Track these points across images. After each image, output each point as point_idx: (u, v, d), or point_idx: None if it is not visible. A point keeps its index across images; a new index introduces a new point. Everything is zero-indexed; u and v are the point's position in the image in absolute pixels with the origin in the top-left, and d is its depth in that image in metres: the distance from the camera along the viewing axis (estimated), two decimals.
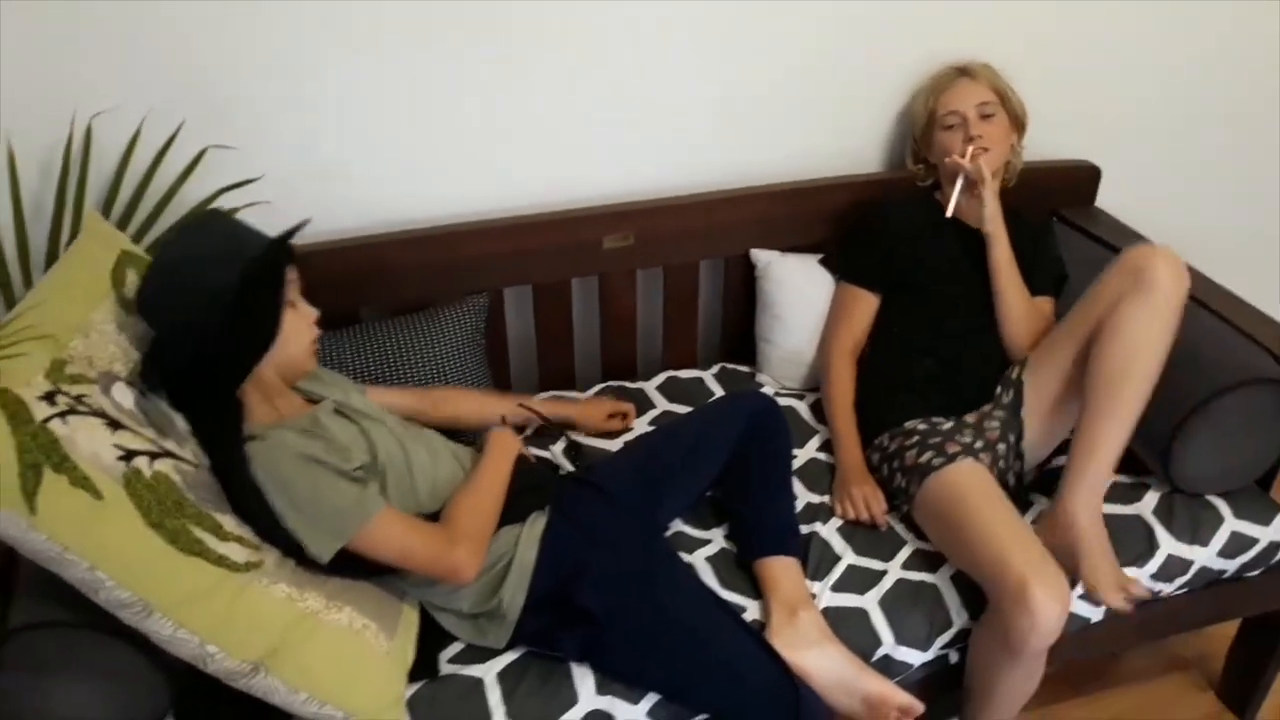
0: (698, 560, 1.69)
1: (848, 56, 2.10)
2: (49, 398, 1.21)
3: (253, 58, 1.77)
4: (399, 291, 1.92)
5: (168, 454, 1.30)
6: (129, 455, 1.24)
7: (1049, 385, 1.81)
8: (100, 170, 1.76)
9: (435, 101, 1.89)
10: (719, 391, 2.09)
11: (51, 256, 1.70)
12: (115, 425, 1.26)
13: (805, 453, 1.94)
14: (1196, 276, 1.89)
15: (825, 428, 1.98)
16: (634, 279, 2.07)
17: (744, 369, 2.16)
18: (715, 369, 2.16)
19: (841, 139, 2.18)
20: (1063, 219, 2.24)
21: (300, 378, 1.54)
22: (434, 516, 1.50)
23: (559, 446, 1.90)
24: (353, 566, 1.41)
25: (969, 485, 1.68)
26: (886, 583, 1.67)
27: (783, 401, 2.06)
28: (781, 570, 1.64)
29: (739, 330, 2.21)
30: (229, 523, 1.33)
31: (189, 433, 1.41)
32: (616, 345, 2.13)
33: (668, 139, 2.06)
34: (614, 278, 2.04)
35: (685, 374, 2.14)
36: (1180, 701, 2.12)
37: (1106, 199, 2.31)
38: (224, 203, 1.83)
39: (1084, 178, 2.27)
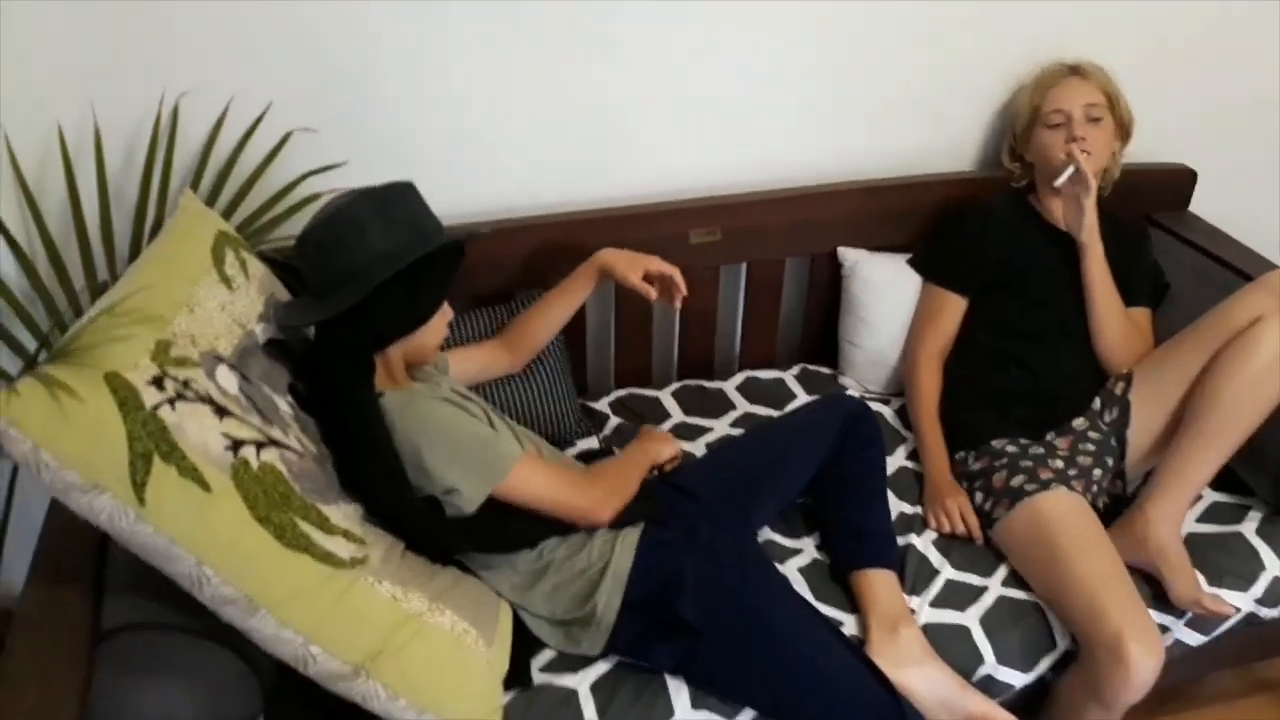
0: (789, 571, 1.64)
1: (945, 48, 2.03)
2: (157, 382, 1.16)
3: (345, 45, 1.72)
4: (483, 281, 1.87)
5: (274, 443, 1.26)
6: (236, 445, 1.19)
7: (1162, 402, 1.75)
8: (185, 152, 1.71)
9: (517, 93, 1.84)
10: (800, 393, 2.03)
11: (136, 239, 1.66)
12: (222, 412, 1.21)
13: (895, 461, 1.88)
14: None
15: (911, 435, 1.92)
16: (718, 275, 2.02)
17: (825, 370, 2.10)
18: (796, 370, 2.10)
19: (935, 134, 2.12)
20: (1156, 224, 2.17)
21: (416, 367, 1.54)
22: None
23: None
24: (489, 518, 1.40)
25: (1063, 518, 1.62)
26: (987, 600, 1.61)
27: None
28: (880, 584, 1.58)
29: (820, 330, 2.15)
30: (335, 514, 1.28)
31: (293, 417, 1.37)
32: (695, 343, 2.08)
33: (756, 133, 2.00)
34: (698, 273, 1.98)
35: (765, 374, 2.08)
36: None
37: (1199, 204, 2.24)
38: (308, 188, 1.78)
39: (1179, 182, 2.20)
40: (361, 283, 1.35)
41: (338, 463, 1.37)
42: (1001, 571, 1.66)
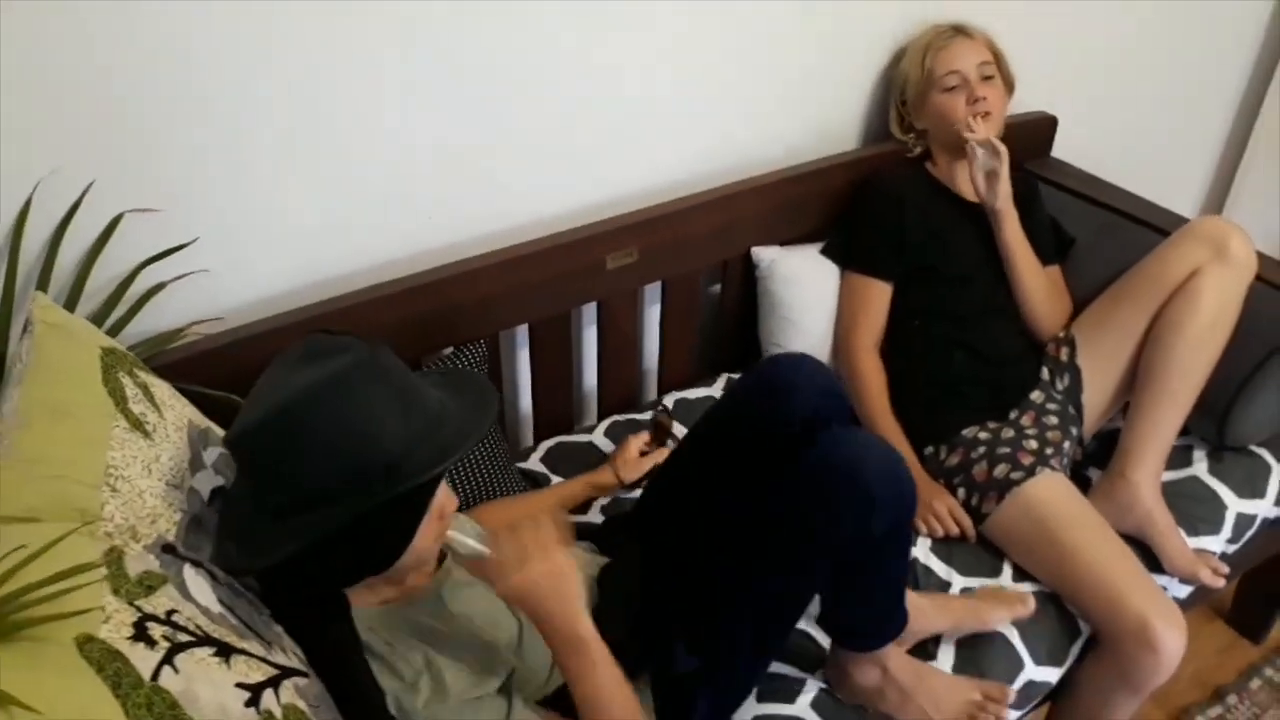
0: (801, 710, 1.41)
1: (809, 31, 1.89)
2: (139, 631, 0.84)
3: (171, 97, 1.34)
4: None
5: (283, 671, 0.95)
6: (255, 695, 0.89)
7: (1111, 363, 1.75)
8: None
9: (384, 125, 1.53)
10: None
11: None
12: (225, 651, 0.90)
13: None
14: None
15: None
16: (636, 299, 1.82)
17: None
18: (721, 382, 1.94)
19: (815, 117, 1.98)
20: (1019, 170, 2.17)
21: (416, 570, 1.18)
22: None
23: None
24: None
25: (1058, 504, 1.58)
26: None
27: None
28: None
29: (736, 338, 2.00)
30: None
31: (271, 617, 1.06)
32: (617, 374, 1.87)
33: (636, 143, 1.79)
34: (616, 300, 1.78)
35: (692, 393, 1.91)
36: (1194, 634, 2.17)
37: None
38: (151, 277, 1.41)
39: (1041, 129, 2.21)
40: (359, 498, 0.99)
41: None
42: (1007, 569, 1.61)
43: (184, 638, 0.87)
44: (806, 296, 1.89)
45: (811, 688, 1.42)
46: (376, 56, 1.47)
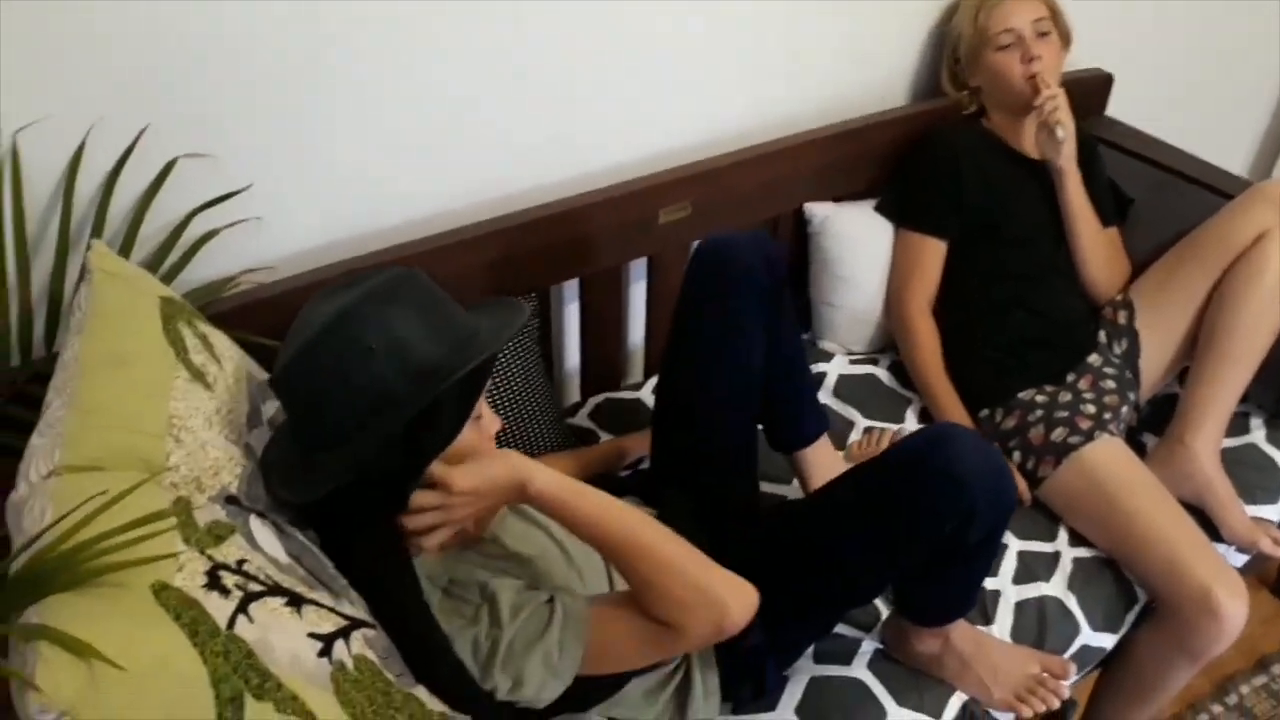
0: (858, 669, 1.39)
1: None
2: (212, 579, 0.83)
3: (223, 39, 1.31)
4: None
5: (353, 622, 0.94)
6: (328, 644, 0.88)
7: (1170, 328, 1.72)
8: (36, 195, 1.27)
9: (446, 75, 1.49)
10: None
11: (1, 337, 1.22)
12: (297, 601, 0.88)
13: (909, 426, 1.75)
14: None
15: (916, 394, 1.80)
16: (687, 254, 1.77)
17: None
18: None
19: (864, 71, 1.93)
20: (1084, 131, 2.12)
21: None
22: None
23: None
24: (581, 692, 1.10)
25: (1117, 469, 1.55)
26: (1065, 564, 1.54)
27: (859, 369, 1.86)
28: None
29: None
30: (423, 695, 0.99)
31: (336, 569, 1.04)
32: (666, 329, 1.83)
33: (678, 95, 1.74)
34: (668, 254, 1.75)
35: None
36: None
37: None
38: (203, 223, 1.39)
39: (1096, 87, 2.16)
40: (393, 415, 1.00)
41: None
42: (1063, 532, 1.59)
43: (256, 587, 0.86)
44: (859, 254, 1.85)
45: (868, 649, 1.40)
46: (433, 3, 1.43)
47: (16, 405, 1.16)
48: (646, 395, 1.78)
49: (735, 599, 1.05)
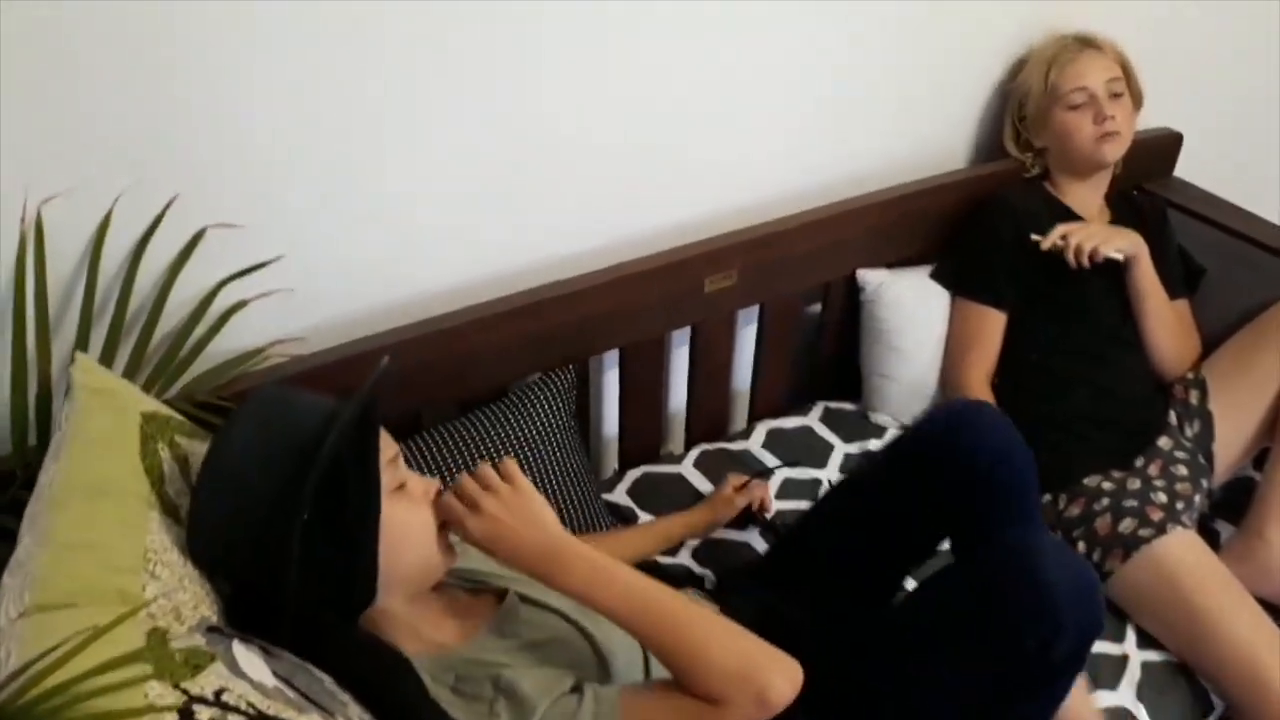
0: None
1: (919, 44, 1.77)
2: (186, 715, 0.76)
3: (264, 108, 1.26)
4: (468, 381, 1.48)
5: None
6: None
7: (1246, 410, 1.63)
8: (59, 268, 1.22)
9: (481, 142, 1.44)
10: (834, 439, 1.77)
11: (19, 416, 1.16)
12: None
13: None
14: None
15: None
16: (733, 323, 1.71)
17: (849, 407, 1.85)
18: (818, 411, 1.83)
19: (919, 133, 1.86)
20: (1145, 192, 2.03)
21: (437, 579, 1.11)
22: None
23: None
24: None
25: (1191, 565, 1.46)
26: (1134, 670, 1.44)
27: None
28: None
29: (833, 363, 1.89)
30: None
31: (336, 682, 0.97)
32: (708, 400, 1.77)
33: (728, 158, 1.68)
34: (712, 323, 1.67)
35: (788, 423, 1.80)
36: None
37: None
38: (230, 295, 1.33)
39: (1165, 147, 2.06)
40: (266, 576, 0.96)
41: None
42: (1131, 632, 1.49)
43: (234, 718, 0.79)
44: (915, 323, 1.77)
45: None
46: (477, 75, 1.38)
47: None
48: (688, 469, 1.70)
49: (779, 669, 0.98)
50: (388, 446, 1.04)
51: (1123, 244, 1.67)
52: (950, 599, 1.14)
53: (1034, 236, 1.68)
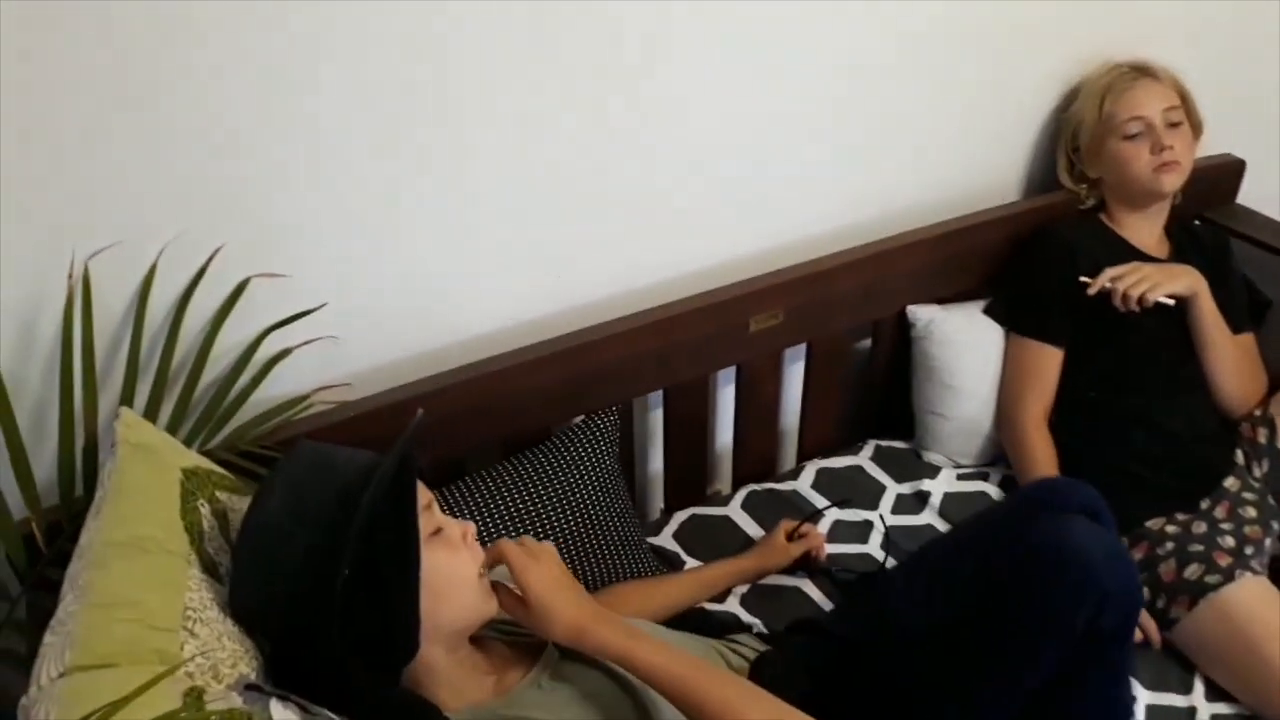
0: None
1: (969, 74, 1.74)
2: None
3: (309, 159, 1.27)
4: (512, 424, 1.47)
5: None
6: None
7: None
8: (105, 320, 1.23)
9: (525, 188, 1.44)
10: (885, 478, 1.73)
11: (66, 468, 1.17)
12: None
13: None
14: None
15: None
16: (780, 362, 1.68)
17: (901, 445, 1.80)
18: (869, 450, 1.79)
19: (970, 166, 1.82)
20: (1207, 222, 1.97)
21: (479, 624, 1.09)
22: None
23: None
24: None
25: (1262, 613, 1.40)
26: None
27: (968, 485, 1.72)
28: None
29: (883, 401, 1.85)
30: None
31: None
32: (754, 439, 1.74)
33: (777, 196, 1.66)
34: (758, 363, 1.65)
35: (837, 462, 1.76)
36: None
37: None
38: (273, 344, 1.34)
39: (1227, 174, 2.00)
40: (306, 634, 0.97)
41: None
42: (1199, 684, 1.43)
43: None
44: (967, 360, 1.73)
45: None
46: (521, 127, 1.39)
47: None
48: (735, 511, 1.67)
49: None
50: (421, 494, 1.04)
51: (1176, 286, 1.61)
52: (989, 603, 1.16)
53: (1083, 279, 1.63)
